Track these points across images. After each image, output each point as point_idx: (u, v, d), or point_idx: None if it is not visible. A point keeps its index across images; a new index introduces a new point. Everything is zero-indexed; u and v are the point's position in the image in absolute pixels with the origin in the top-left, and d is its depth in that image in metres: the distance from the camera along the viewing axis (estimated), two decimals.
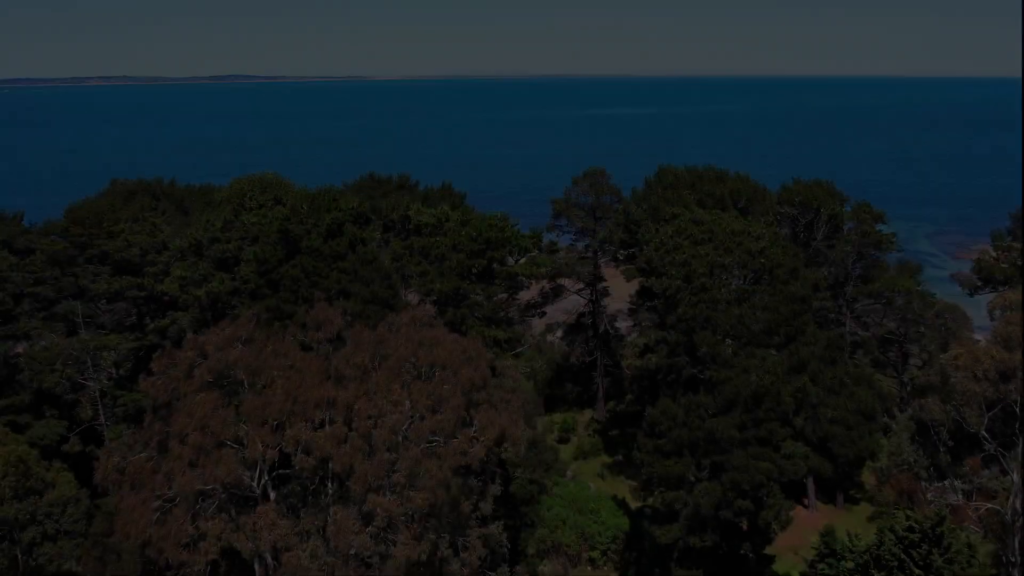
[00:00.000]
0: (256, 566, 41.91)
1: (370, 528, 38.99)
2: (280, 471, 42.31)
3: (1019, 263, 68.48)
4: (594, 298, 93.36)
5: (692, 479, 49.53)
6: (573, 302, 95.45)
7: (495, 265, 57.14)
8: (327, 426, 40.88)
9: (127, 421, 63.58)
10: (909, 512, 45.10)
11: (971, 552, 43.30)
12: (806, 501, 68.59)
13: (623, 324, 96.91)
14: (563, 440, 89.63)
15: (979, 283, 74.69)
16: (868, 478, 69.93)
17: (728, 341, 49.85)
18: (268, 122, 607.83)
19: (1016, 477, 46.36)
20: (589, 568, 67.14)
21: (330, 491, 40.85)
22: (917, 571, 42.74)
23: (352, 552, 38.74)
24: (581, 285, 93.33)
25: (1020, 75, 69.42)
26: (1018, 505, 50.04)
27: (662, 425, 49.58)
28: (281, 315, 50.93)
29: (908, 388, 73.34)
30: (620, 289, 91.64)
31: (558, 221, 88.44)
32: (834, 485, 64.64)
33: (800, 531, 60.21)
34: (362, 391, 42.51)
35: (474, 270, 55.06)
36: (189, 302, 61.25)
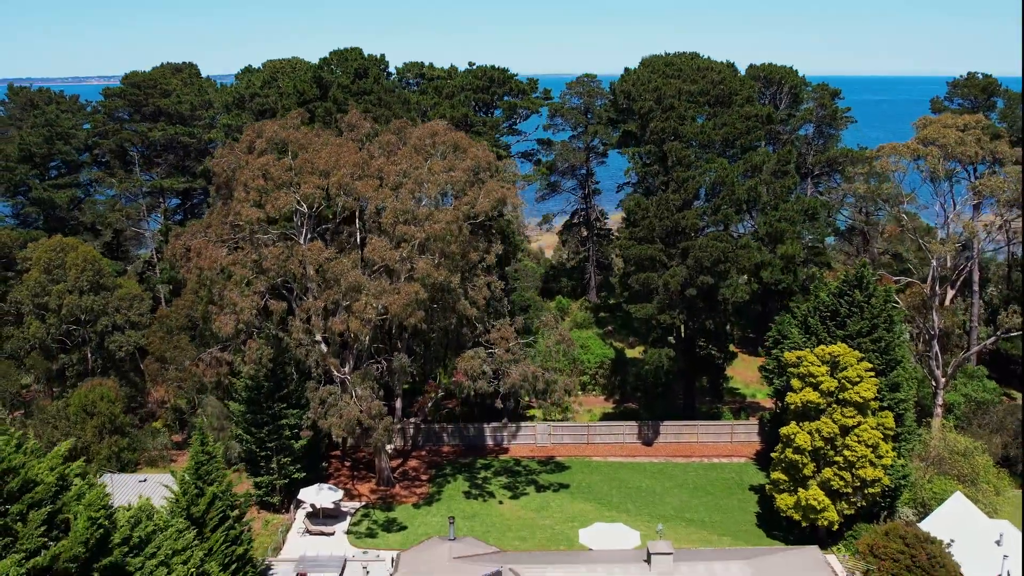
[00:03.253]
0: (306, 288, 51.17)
1: (398, 251, 48.59)
2: (325, 207, 51.73)
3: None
4: (587, 194, 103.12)
5: (664, 260, 58.97)
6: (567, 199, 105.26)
7: (497, 100, 66.83)
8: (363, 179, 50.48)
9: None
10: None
11: (887, 295, 52.77)
12: None
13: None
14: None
15: None
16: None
17: (693, 147, 59.40)
18: None
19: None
20: (580, 393, 76.57)
21: (366, 225, 50.39)
22: (843, 307, 52.36)
23: (383, 266, 48.32)
24: (574, 183, 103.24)
25: (1020, 73, 75.47)
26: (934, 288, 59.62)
27: (637, 215, 59.15)
28: (321, 123, 60.36)
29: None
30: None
31: (554, 120, 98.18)
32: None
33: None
34: (390, 162, 52.24)
35: (480, 102, 64.65)
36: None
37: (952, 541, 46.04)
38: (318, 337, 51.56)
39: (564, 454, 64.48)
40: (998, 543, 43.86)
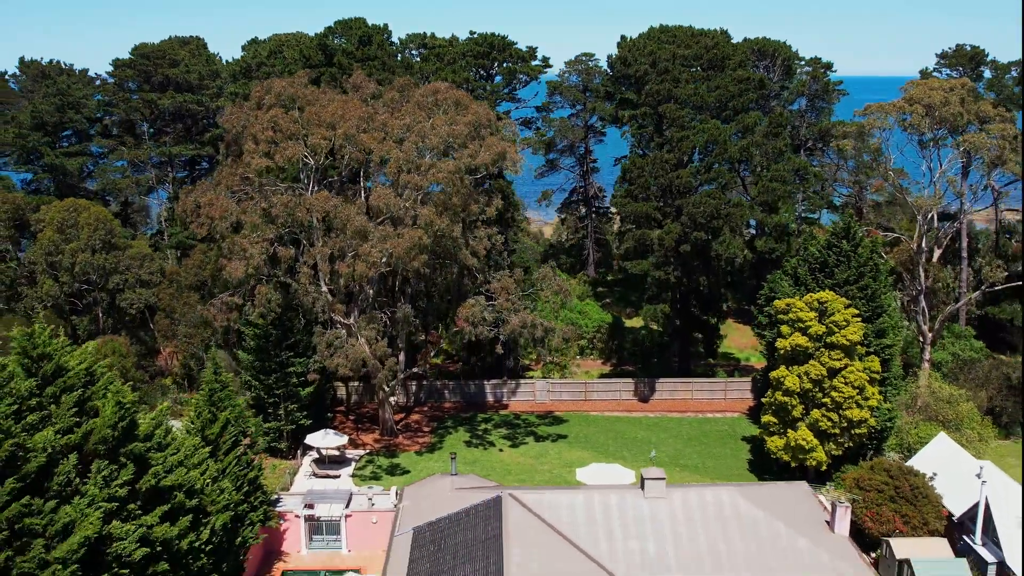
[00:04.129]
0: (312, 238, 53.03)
1: (402, 198, 50.49)
2: (330, 164, 53.66)
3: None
4: (585, 171, 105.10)
5: (659, 218, 60.89)
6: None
7: (497, 66, 68.80)
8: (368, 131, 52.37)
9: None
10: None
11: (873, 246, 54.64)
12: None
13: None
14: None
15: None
16: None
17: (687, 109, 61.30)
18: None
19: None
20: (578, 358, 78.47)
21: (371, 178, 52.29)
22: (831, 257, 54.24)
23: (387, 217, 50.22)
24: (572, 161, 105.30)
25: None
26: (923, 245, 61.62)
27: (633, 174, 61.05)
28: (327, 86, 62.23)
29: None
30: None
31: (552, 99, 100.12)
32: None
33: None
34: (394, 117, 54.13)
35: (480, 68, 66.59)
36: None
37: (935, 474, 47.91)
38: (324, 288, 53.50)
39: (562, 409, 66.34)
40: (978, 476, 45.63)
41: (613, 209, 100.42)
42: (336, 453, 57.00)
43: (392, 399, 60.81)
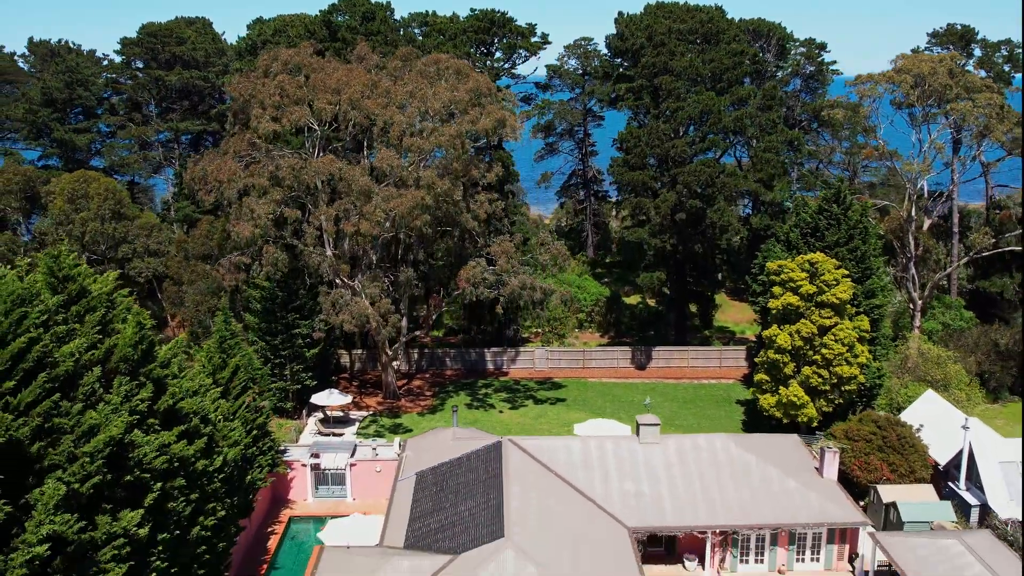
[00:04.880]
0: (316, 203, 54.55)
1: (405, 161, 52.04)
2: (334, 135, 55.27)
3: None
4: (584, 154, 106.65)
5: (655, 187, 62.41)
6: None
7: (497, 41, 70.42)
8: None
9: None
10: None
11: (863, 210, 56.15)
12: None
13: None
14: None
15: None
16: None
17: (682, 81, 62.82)
18: None
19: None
20: (577, 331, 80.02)
21: (375, 139, 53.82)
22: (822, 220, 55.76)
23: (391, 181, 51.76)
24: (572, 144, 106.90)
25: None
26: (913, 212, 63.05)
27: (629, 143, 62.58)
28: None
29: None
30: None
31: (552, 82, 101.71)
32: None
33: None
34: (397, 84, 55.69)
35: (480, 43, 68.23)
36: None
37: (921, 426, 49.44)
38: (328, 252, 55.05)
39: (561, 376, 67.84)
40: (964, 427, 47.05)
41: (611, 179, 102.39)
42: (340, 414, 58.55)
43: (395, 363, 62.29)
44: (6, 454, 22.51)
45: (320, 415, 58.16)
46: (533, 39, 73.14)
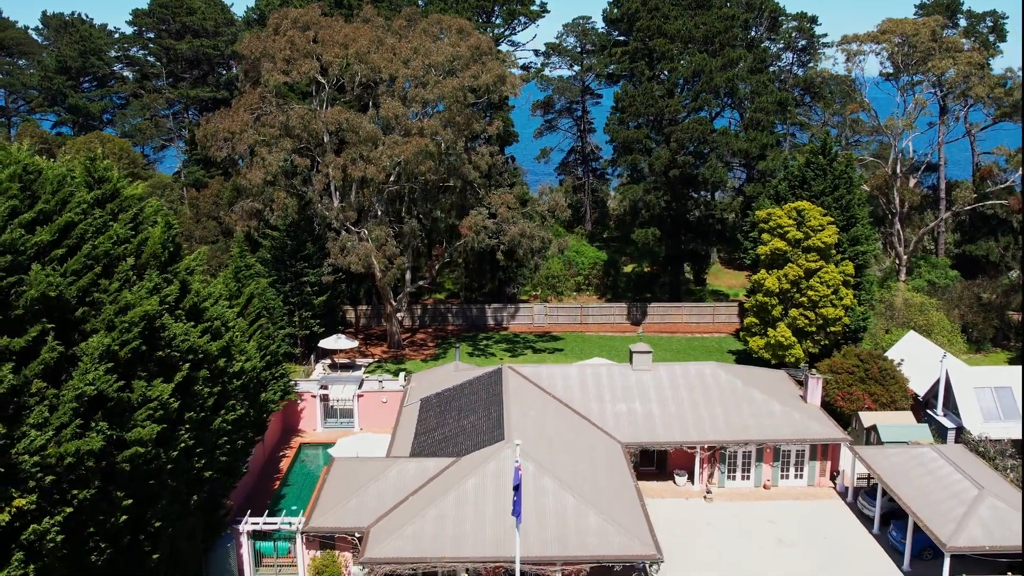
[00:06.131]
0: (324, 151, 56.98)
1: (409, 111, 54.49)
2: (340, 96, 57.65)
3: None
4: (582, 130, 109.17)
5: (650, 146, 64.80)
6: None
7: (497, 7, 73.02)
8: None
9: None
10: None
11: (848, 163, 58.55)
12: None
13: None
14: None
15: None
16: None
17: (675, 44, 65.26)
18: None
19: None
20: (575, 294, 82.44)
21: (380, 95, 56.27)
22: (809, 172, 58.18)
23: (397, 128, 54.19)
24: (570, 122, 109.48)
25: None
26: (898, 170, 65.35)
27: (624, 102, 65.02)
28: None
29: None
30: None
31: (549, 60, 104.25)
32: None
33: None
34: (402, 42, 58.14)
35: (481, 10, 70.79)
36: None
37: (902, 360, 51.83)
38: (336, 204, 57.46)
39: (559, 331, 70.27)
40: (941, 360, 49.31)
41: (607, 137, 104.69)
42: (347, 361, 60.91)
43: (399, 315, 64.67)
44: (55, 310, 24.88)
45: (328, 360, 60.53)
46: (532, 7, 75.58)
